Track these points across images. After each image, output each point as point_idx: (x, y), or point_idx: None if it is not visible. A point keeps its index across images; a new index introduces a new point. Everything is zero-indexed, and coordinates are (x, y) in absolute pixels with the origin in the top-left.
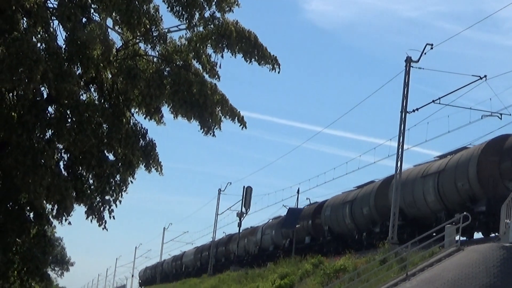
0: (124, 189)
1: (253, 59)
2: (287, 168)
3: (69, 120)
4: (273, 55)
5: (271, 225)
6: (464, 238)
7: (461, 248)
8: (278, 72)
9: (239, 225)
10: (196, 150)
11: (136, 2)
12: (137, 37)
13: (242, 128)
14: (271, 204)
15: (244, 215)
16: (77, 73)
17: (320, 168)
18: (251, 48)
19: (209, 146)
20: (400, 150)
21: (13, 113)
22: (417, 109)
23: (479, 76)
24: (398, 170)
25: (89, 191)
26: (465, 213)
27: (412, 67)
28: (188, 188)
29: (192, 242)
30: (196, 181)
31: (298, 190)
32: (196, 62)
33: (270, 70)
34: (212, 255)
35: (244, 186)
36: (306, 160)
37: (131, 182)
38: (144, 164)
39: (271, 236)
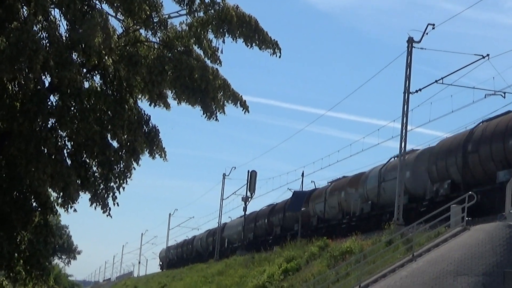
0: (129, 175)
1: (254, 44)
2: (291, 151)
3: (72, 108)
4: (274, 40)
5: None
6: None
7: (467, 228)
8: (279, 57)
9: (245, 209)
10: (200, 135)
11: None
12: (138, 24)
13: (245, 112)
14: (276, 188)
15: (249, 199)
16: (78, 61)
17: (324, 151)
18: (251, 32)
19: (213, 131)
20: (403, 131)
21: (15, 102)
22: (420, 90)
23: (482, 55)
24: (402, 151)
25: (93, 179)
26: (470, 192)
27: (414, 47)
28: (193, 173)
29: (198, 228)
30: (201, 167)
31: (303, 173)
32: (197, 47)
33: (271, 54)
34: (218, 240)
35: (248, 171)
36: (310, 143)
37: (135, 168)
38: (148, 150)
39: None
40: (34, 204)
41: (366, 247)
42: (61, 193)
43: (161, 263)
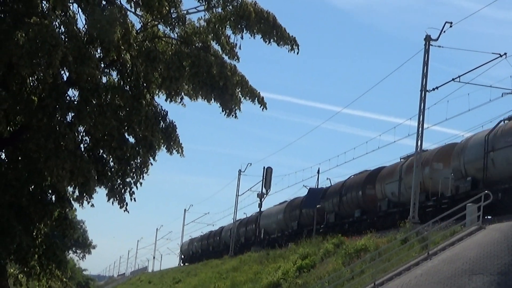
0: (146, 171)
1: (272, 40)
2: (307, 148)
3: (90, 103)
4: (292, 36)
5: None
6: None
7: (482, 227)
8: (297, 53)
9: (260, 205)
10: (216, 131)
11: None
12: (156, 19)
13: (263, 109)
14: (292, 185)
15: (265, 195)
16: (97, 56)
17: (340, 148)
18: (270, 29)
19: (229, 127)
20: (420, 129)
21: (33, 97)
22: (437, 88)
23: (499, 54)
24: (419, 149)
25: (110, 174)
26: (486, 191)
27: (432, 45)
28: (209, 169)
29: (213, 224)
30: (217, 163)
31: (318, 170)
32: (216, 43)
33: (288, 50)
34: (233, 235)
35: (264, 167)
36: (326, 140)
37: (152, 164)
38: (165, 146)
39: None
40: (51, 198)
41: (381, 245)
42: (80, 188)
43: (182, 256)
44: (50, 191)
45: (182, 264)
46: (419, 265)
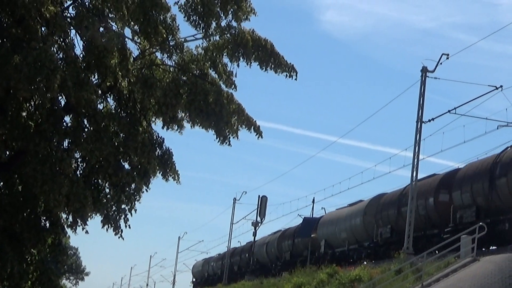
0: (138, 198)
1: (269, 68)
2: (302, 177)
3: (86, 129)
4: (290, 63)
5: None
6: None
7: (476, 259)
8: (295, 79)
9: (254, 234)
10: (211, 159)
11: (153, 11)
12: (154, 47)
13: (258, 137)
14: (286, 214)
15: (259, 224)
16: (94, 82)
17: (335, 177)
18: (267, 56)
19: (224, 155)
20: (415, 160)
21: (30, 122)
22: (432, 119)
23: (495, 86)
24: (414, 180)
25: (105, 200)
26: (481, 223)
27: (428, 77)
28: (203, 197)
29: (207, 252)
30: (211, 190)
31: (313, 200)
32: (213, 71)
33: (286, 77)
34: (227, 264)
35: (259, 195)
36: (321, 169)
37: (146, 191)
38: (161, 172)
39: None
40: (46, 224)
41: (375, 275)
42: (74, 214)
43: (194, 279)
44: (44, 217)
45: None
46: None
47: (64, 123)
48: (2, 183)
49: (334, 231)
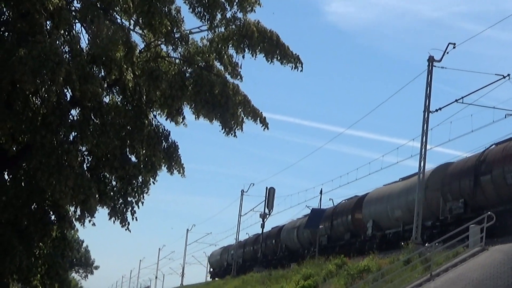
0: (146, 190)
1: (274, 59)
2: (310, 169)
3: (92, 122)
4: (295, 54)
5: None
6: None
7: (485, 248)
8: (301, 70)
9: (262, 226)
10: (218, 151)
11: (158, 3)
12: (159, 39)
13: (264, 129)
14: (294, 205)
15: (267, 216)
16: (100, 75)
17: (343, 168)
18: (273, 47)
19: (231, 147)
20: (423, 150)
21: (37, 116)
22: (440, 109)
23: (502, 75)
24: (422, 170)
25: (112, 193)
26: (489, 212)
27: (435, 66)
28: (211, 189)
29: (215, 244)
30: (219, 183)
31: (321, 191)
32: (218, 63)
33: (292, 68)
34: (236, 256)
35: (267, 187)
36: (329, 161)
37: (153, 183)
38: (166, 166)
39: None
40: (52, 217)
41: (384, 266)
42: (81, 207)
43: (211, 269)
44: (50, 211)
45: (211, 279)
46: (421, 286)
47: (70, 117)
48: (9, 177)
49: (384, 210)
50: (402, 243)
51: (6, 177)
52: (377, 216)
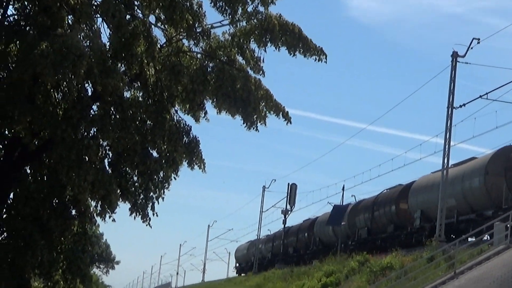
0: (167, 186)
1: (297, 52)
2: (332, 165)
3: (113, 117)
4: (319, 46)
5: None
6: None
7: (510, 246)
8: (325, 62)
9: (284, 222)
10: (240, 147)
11: None
12: (181, 34)
13: (287, 123)
14: (316, 201)
15: (289, 212)
16: (121, 70)
17: (365, 165)
18: (295, 40)
19: (253, 143)
20: (446, 146)
21: (58, 110)
22: (464, 105)
23: None
24: (445, 166)
25: (133, 188)
26: None
27: (459, 62)
28: (232, 185)
29: (236, 240)
30: (240, 178)
31: (343, 187)
32: (240, 57)
33: (316, 60)
34: (257, 254)
35: (288, 183)
36: (351, 157)
37: (174, 179)
38: (187, 161)
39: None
40: (73, 212)
41: (407, 263)
42: (101, 202)
43: (237, 264)
44: (71, 206)
45: (237, 275)
46: (445, 284)
47: (91, 111)
48: (30, 172)
49: (435, 199)
50: (453, 236)
51: (28, 171)
52: (426, 206)
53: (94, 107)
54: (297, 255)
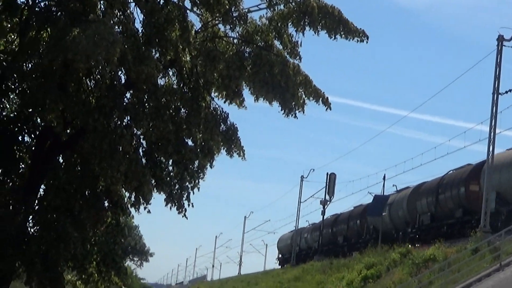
0: (202, 176)
1: (338, 35)
2: (372, 154)
3: (147, 105)
4: (360, 29)
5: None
6: None
7: None
8: (367, 42)
9: (323, 213)
10: (278, 136)
11: None
12: (217, 18)
13: (327, 109)
14: (356, 191)
15: (328, 202)
16: (155, 56)
17: (407, 153)
18: (335, 24)
19: (291, 132)
20: (492, 134)
21: (90, 99)
22: (510, 91)
23: None
24: (491, 155)
25: (168, 178)
26: None
27: (505, 46)
28: (269, 175)
29: (274, 231)
30: (278, 168)
31: (384, 177)
32: (278, 42)
33: (357, 42)
34: (295, 245)
35: (327, 173)
36: (392, 145)
37: (210, 167)
38: (225, 149)
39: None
40: (105, 203)
41: (450, 255)
42: (134, 193)
43: (280, 255)
44: (104, 197)
45: (280, 266)
46: (490, 276)
47: (125, 99)
48: (61, 162)
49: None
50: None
51: (61, 161)
52: (504, 187)
53: (127, 95)
54: (347, 245)
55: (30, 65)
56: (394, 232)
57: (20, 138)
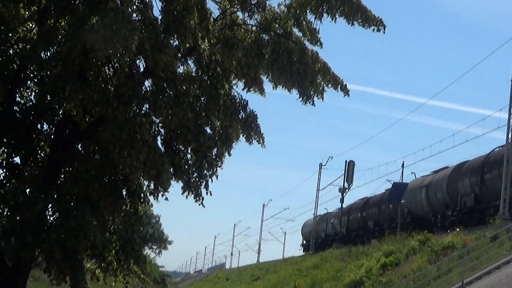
0: (220, 164)
1: (356, 22)
2: (391, 141)
3: (166, 93)
4: (378, 17)
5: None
6: None
7: None
8: (383, 32)
9: (342, 201)
10: (296, 124)
11: None
12: (235, 6)
13: (345, 95)
14: (375, 179)
15: (347, 190)
16: (174, 44)
17: (426, 141)
18: (353, 11)
19: (310, 120)
20: (511, 121)
21: (109, 87)
22: None
23: None
24: (510, 142)
25: (186, 166)
26: None
27: None
28: (288, 163)
29: (292, 219)
30: (296, 156)
31: (403, 164)
32: (297, 29)
33: (373, 31)
34: (313, 232)
35: (346, 161)
36: (411, 133)
37: (228, 155)
38: (244, 136)
39: None
40: (123, 192)
41: (469, 242)
42: (153, 182)
43: (304, 241)
44: (122, 185)
45: (304, 253)
46: (509, 263)
47: (143, 88)
48: (80, 151)
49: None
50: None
51: (79, 150)
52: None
53: (146, 83)
54: (378, 229)
55: (48, 54)
56: (432, 216)
57: (39, 126)
